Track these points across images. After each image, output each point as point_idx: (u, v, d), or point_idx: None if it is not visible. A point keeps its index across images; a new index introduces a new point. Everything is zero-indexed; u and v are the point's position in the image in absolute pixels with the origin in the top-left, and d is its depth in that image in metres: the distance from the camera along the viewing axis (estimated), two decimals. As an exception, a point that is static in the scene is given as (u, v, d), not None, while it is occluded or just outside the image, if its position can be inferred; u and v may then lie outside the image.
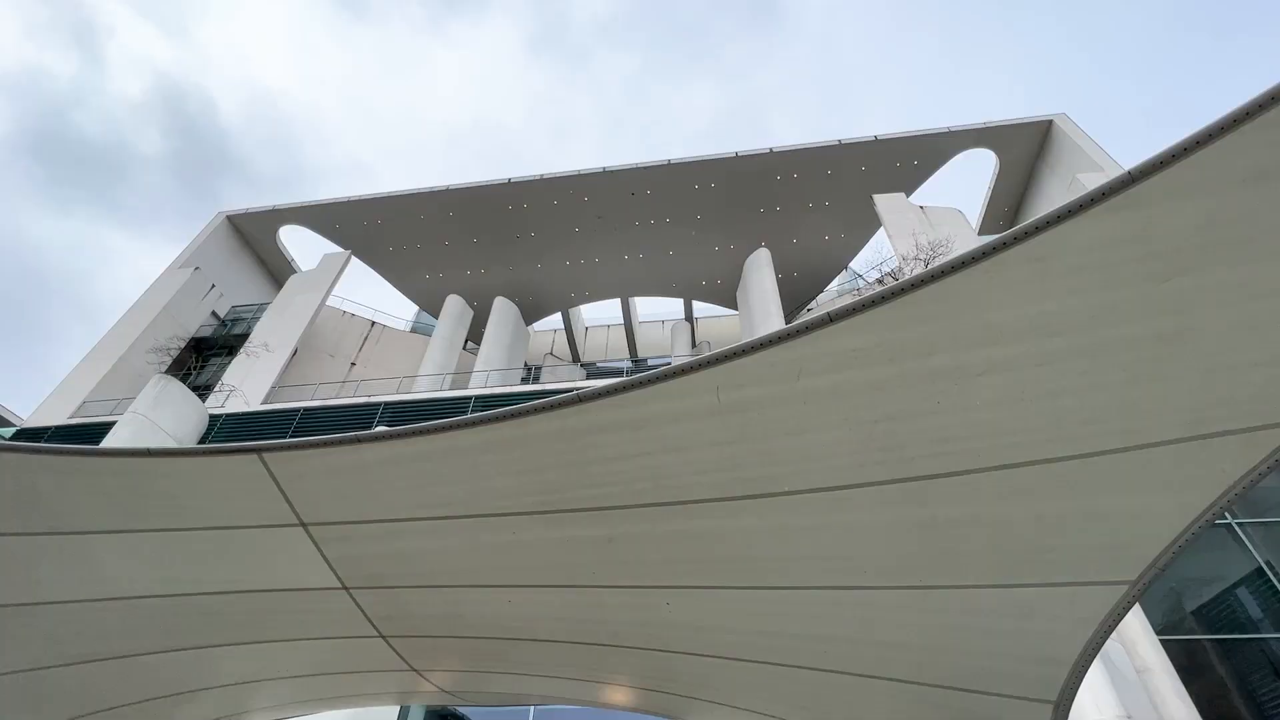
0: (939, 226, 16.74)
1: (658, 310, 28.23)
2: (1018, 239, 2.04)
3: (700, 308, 25.42)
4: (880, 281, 18.32)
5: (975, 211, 21.01)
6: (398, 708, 11.19)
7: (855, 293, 20.15)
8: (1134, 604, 3.19)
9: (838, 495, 3.01)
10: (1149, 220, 1.95)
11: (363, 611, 4.65)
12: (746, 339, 2.55)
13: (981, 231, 20.27)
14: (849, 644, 4.11)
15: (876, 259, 19.91)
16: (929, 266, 2.30)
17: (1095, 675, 6.48)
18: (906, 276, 2.40)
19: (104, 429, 15.11)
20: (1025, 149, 19.71)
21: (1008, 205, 20.91)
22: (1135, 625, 8.26)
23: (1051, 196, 19.10)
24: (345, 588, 4.29)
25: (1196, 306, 2.11)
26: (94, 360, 18.83)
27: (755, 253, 20.81)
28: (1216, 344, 2.18)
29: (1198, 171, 1.81)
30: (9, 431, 18.78)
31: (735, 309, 23.11)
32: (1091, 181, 15.45)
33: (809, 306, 23.09)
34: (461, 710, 11.81)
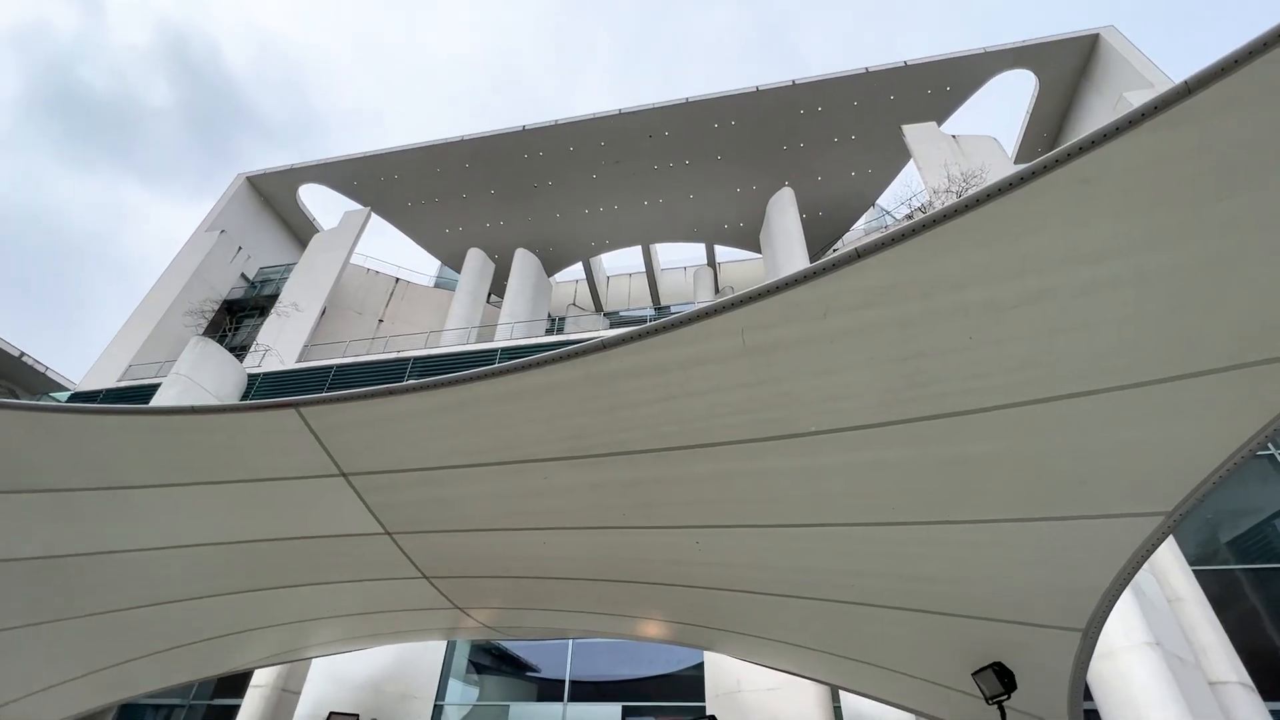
0: (972, 156, 15.97)
1: (680, 256, 27.86)
2: (1060, 161, 1.93)
3: (723, 252, 24.97)
4: (909, 217, 17.69)
5: (1011, 139, 19.92)
6: (445, 642, 11.90)
7: (883, 229, 19.55)
8: (1169, 535, 3.16)
9: (864, 434, 3.00)
10: (1205, 135, 1.82)
11: (405, 555, 4.89)
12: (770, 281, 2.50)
13: (1017, 160, 19.24)
14: (876, 578, 4.19)
15: (905, 194, 19.18)
16: (961, 199, 2.19)
17: (1125, 603, 6.52)
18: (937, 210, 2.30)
19: (150, 390, 15.76)
20: (1068, 68, 18.43)
21: (1046, 131, 19.74)
22: (1168, 555, 8.25)
23: (1095, 118, 17.95)
24: (388, 533, 4.50)
25: (1250, 227, 1.98)
26: (134, 325, 19.48)
27: (778, 193, 20.21)
28: (1268, 266, 2.06)
29: (1258, 81, 1.67)
30: (64, 395, 19.73)
31: (759, 252, 22.65)
32: (1140, 99, 14.46)
33: (834, 247, 22.51)
34: (504, 644, 12.51)
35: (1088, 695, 7.60)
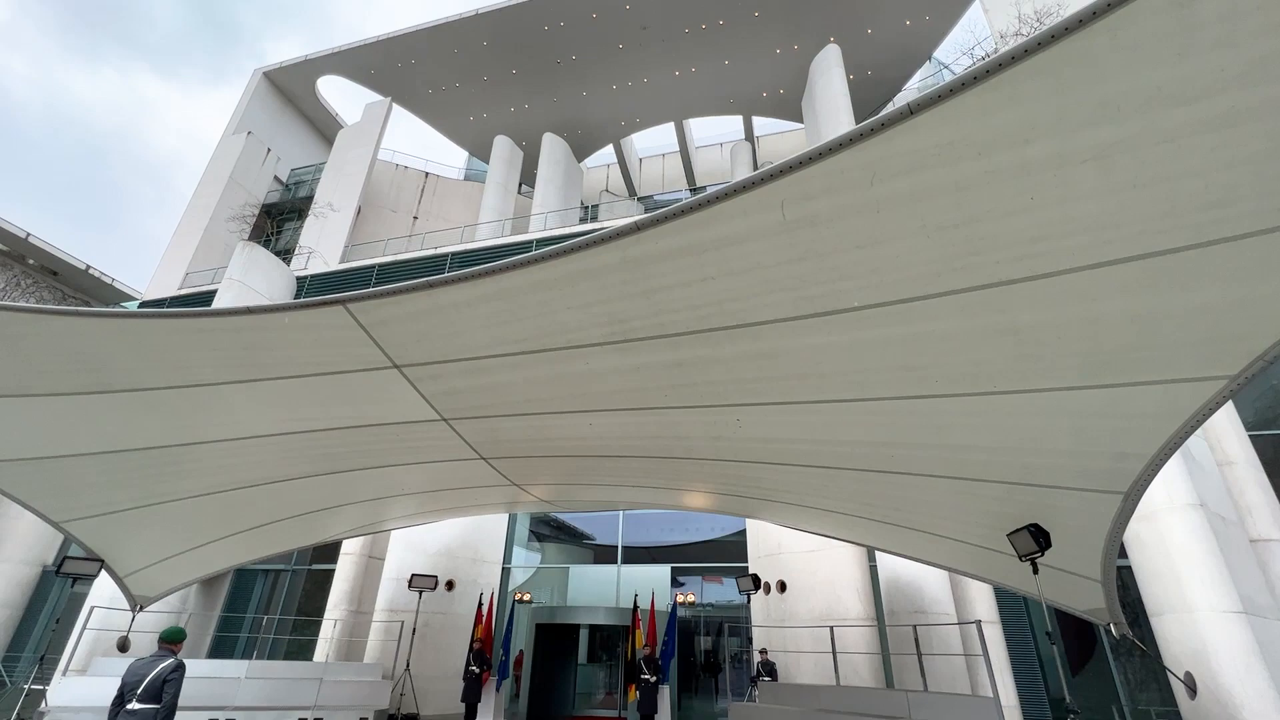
0: (1049, -10, 13.94)
1: (715, 133, 26.21)
2: (1157, -22, 1.66)
3: (761, 125, 23.35)
4: (970, 70, 15.87)
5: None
6: (507, 515, 13.01)
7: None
8: (1229, 400, 3.07)
9: (911, 307, 2.92)
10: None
11: (462, 438, 5.21)
12: (814, 144, 2.32)
13: (1104, -9, 16.69)
14: (916, 448, 4.26)
15: (967, 43, 17.14)
16: (1034, 35, 1.93)
17: (1171, 466, 6.50)
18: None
19: (209, 297, 16.54)
20: None
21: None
22: (1223, 419, 8.06)
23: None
24: (444, 419, 4.78)
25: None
26: (183, 235, 20.04)
27: (822, 51, 18.36)
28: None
29: None
30: (133, 305, 20.91)
31: (800, 121, 21.07)
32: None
33: (885, 110, 20.66)
34: (561, 515, 13.61)
35: (1122, 553, 7.84)
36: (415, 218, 22.96)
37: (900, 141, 2.21)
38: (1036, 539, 4.79)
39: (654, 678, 8.06)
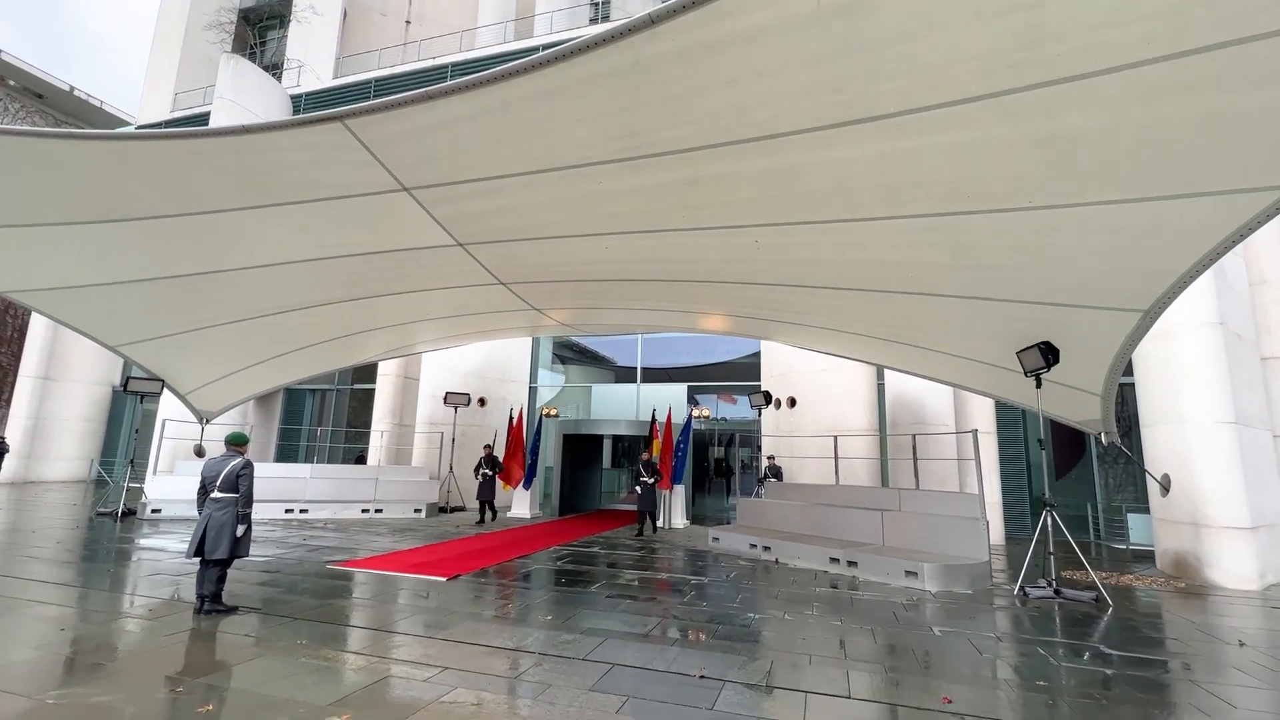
0: None
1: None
2: None
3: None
4: None
5: None
6: (530, 340, 13.55)
7: None
8: (1277, 214, 2.89)
9: (954, 112, 2.67)
10: None
11: (480, 263, 5.24)
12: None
13: None
14: (938, 268, 4.19)
15: None
16: None
17: (1200, 284, 6.36)
18: None
19: (205, 120, 15.72)
20: None
21: None
22: (1265, 237, 7.69)
23: None
24: (459, 244, 4.75)
25: None
26: (160, 50, 18.45)
27: None
28: None
29: None
30: (128, 130, 20.02)
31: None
32: None
33: None
34: (582, 340, 14.13)
35: (1128, 371, 8.04)
36: (408, 22, 20.62)
37: (965, -105, 1.84)
38: (1045, 356, 4.90)
39: (651, 480, 8.94)
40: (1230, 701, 3.01)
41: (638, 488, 9.20)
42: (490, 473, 9.95)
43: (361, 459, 13.32)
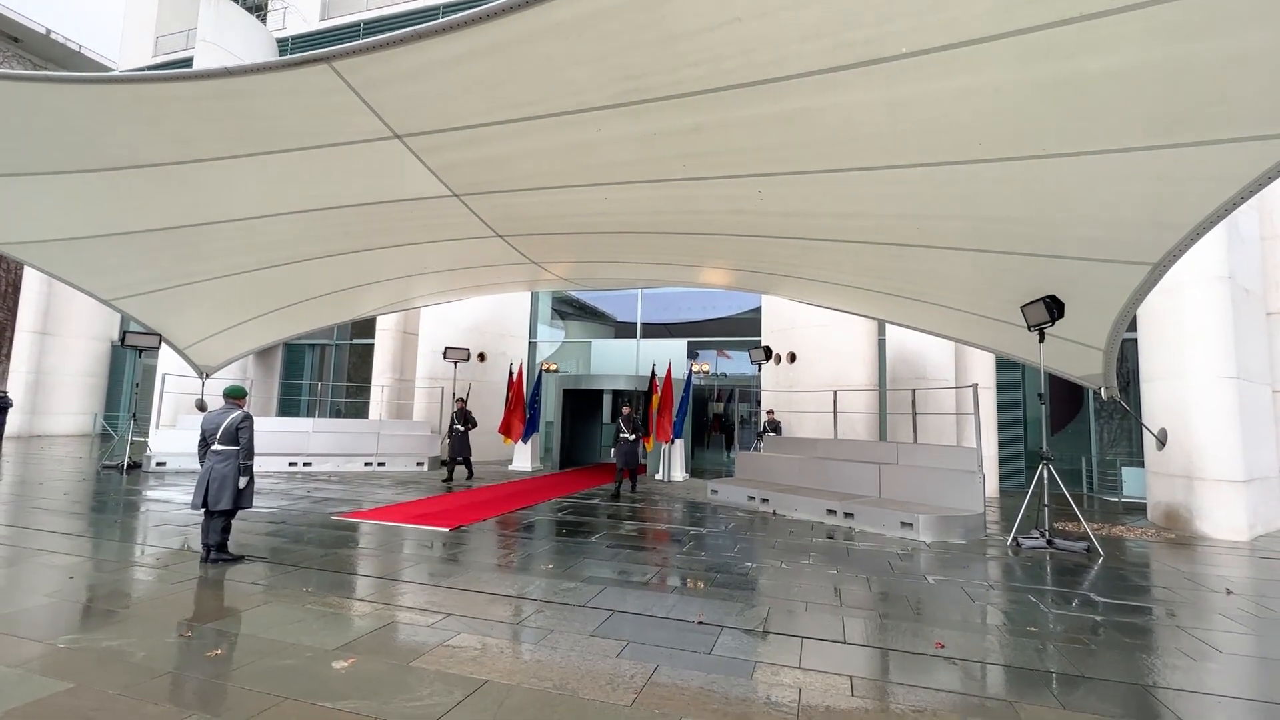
0: None
1: None
2: None
3: None
4: None
5: None
6: (529, 295, 13.44)
7: None
8: (1300, 161, 2.79)
9: (967, 53, 2.54)
10: None
11: (477, 215, 5.12)
12: None
13: None
14: (944, 220, 4.10)
15: None
16: None
17: (1211, 237, 6.24)
18: None
19: (189, 64, 15.16)
20: None
21: None
22: (1282, 192, 7.52)
23: None
24: (455, 194, 4.63)
25: None
26: (137, -15, 17.59)
27: None
28: None
29: None
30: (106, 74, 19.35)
31: None
32: None
33: None
34: (582, 296, 14.01)
35: (1130, 327, 7.99)
36: (396, -43, 19.62)
37: None
38: (1050, 310, 4.85)
39: (632, 435, 8.70)
40: (1215, 646, 3.09)
41: (618, 443, 8.59)
42: (463, 429, 8.97)
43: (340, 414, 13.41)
